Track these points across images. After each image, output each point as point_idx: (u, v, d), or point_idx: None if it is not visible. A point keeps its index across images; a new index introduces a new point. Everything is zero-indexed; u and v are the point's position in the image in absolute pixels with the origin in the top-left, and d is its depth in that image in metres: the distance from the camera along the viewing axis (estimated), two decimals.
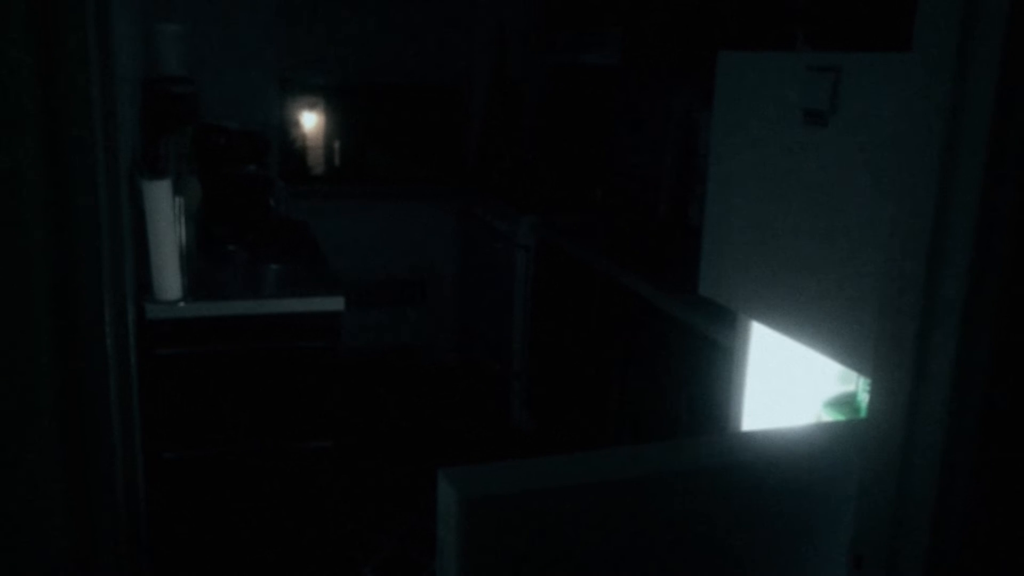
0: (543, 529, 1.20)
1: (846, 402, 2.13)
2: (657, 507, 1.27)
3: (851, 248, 1.74)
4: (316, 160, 4.70)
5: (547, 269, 3.74)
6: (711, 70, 2.14)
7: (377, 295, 4.68)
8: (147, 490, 2.33)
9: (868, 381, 1.86)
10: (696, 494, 1.30)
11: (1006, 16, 0.85)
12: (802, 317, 1.88)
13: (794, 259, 1.89)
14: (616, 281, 3.06)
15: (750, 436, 1.68)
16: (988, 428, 0.94)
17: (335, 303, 2.57)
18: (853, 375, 2.09)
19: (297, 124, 4.61)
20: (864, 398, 2.06)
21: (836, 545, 1.36)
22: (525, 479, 1.22)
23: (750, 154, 2.02)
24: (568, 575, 1.22)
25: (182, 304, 2.40)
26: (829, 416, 2.11)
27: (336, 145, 4.72)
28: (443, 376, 4.69)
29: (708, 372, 2.46)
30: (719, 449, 1.43)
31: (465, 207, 4.65)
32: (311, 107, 4.60)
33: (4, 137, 1.58)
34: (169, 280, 2.37)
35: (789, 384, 2.14)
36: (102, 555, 1.82)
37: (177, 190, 2.37)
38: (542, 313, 3.81)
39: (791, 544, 1.37)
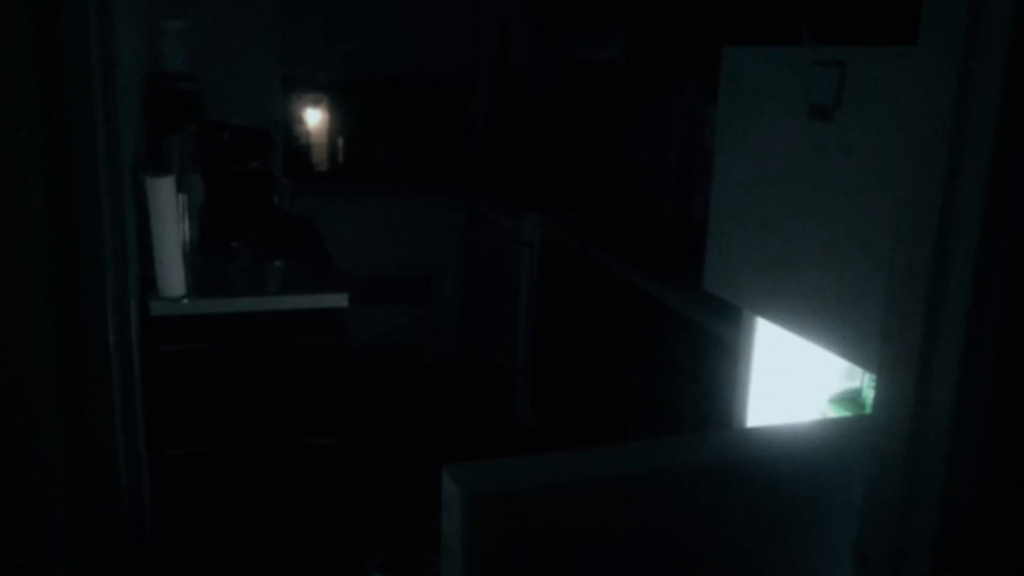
0: (547, 525, 1.19)
1: (851, 398, 2.12)
2: (662, 503, 1.27)
3: (856, 243, 1.73)
4: (320, 157, 4.70)
5: (552, 266, 3.74)
6: (716, 65, 2.14)
7: (381, 292, 4.69)
8: (151, 487, 2.33)
9: (873, 377, 1.85)
10: (701, 490, 1.29)
11: (1013, 8, 0.84)
12: (807, 313, 1.87)
13: (799, 255, 1.89)
14: (621, 277, 3.05)
15: (755, 432, 1.68)
16: (994, 424, 0.93)
17: (339, 300, 2.56)
18: (858, 371, 2.08)
19: (301, 121, 4.61)
20: (869, 394, 2.05)
21: (841, 542, 1.35)
22: (529, 476, 1.22)
23: (755, 149, 2.02)
24: (572, 571, 1.22)
25: (186, 301, 2.41)
26: (834, 412, 2.10)
27: (340, 142, 4.72)
28: (447, 373, 4.69)
29: (713, 368, 2.45)
30: (724, 445, 1.42)
31: (470, 204, 4.64)
32: (315, 103, 4.60)
33: (5, 134, 1.58)
34: (173, 277, 2.37)
35: (794, 380, 2.13)
36: (106, 553, 1.82)
37: (181, 187, 2.37)
38: (546, 310, 3.81)
39: (796, 540, 1.36)
